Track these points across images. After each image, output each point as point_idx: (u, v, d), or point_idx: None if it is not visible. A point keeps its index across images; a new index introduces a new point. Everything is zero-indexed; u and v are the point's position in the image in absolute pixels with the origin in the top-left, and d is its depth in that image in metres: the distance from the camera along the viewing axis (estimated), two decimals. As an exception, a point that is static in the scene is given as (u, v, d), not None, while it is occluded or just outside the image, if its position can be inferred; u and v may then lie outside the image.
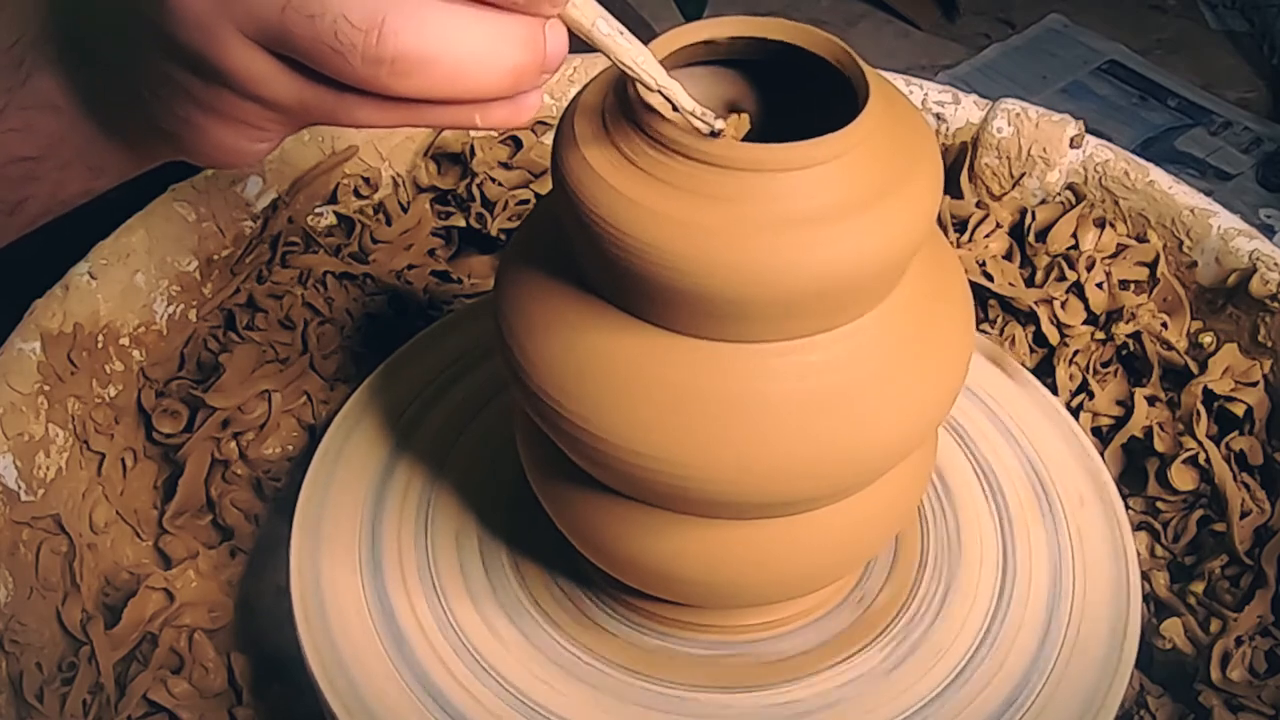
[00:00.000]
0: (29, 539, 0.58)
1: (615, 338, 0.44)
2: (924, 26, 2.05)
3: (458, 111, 0.40)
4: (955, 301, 0.48)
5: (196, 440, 0.64)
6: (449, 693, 0.52)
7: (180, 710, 0.57)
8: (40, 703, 0.54)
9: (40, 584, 0.57)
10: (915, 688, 0.52)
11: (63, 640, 0.57)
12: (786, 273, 0.41)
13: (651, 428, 0.44)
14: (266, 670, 0.59)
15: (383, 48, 0.36)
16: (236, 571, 0.63)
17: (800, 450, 0.44)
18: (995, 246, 0.74)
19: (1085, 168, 0.73)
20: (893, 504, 0.50)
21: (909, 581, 0.56)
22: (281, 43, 0.38)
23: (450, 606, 0.55)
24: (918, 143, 0.44)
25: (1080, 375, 0.70)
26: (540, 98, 0.41)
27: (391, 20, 0.36)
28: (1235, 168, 1.79)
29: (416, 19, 0.36)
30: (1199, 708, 0.56)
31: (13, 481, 0.58)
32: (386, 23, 0.36)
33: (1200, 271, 0.69)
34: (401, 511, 0.58)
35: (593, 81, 0.46)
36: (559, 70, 0.74)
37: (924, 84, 0.76)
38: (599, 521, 0.50)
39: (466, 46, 0.37)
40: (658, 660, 0.53)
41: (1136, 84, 1.92)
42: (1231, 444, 0.65)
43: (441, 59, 0.37)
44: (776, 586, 0.51)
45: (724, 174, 0.41)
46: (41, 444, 0.60)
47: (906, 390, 0.45)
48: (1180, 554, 0.64)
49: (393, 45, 0.36)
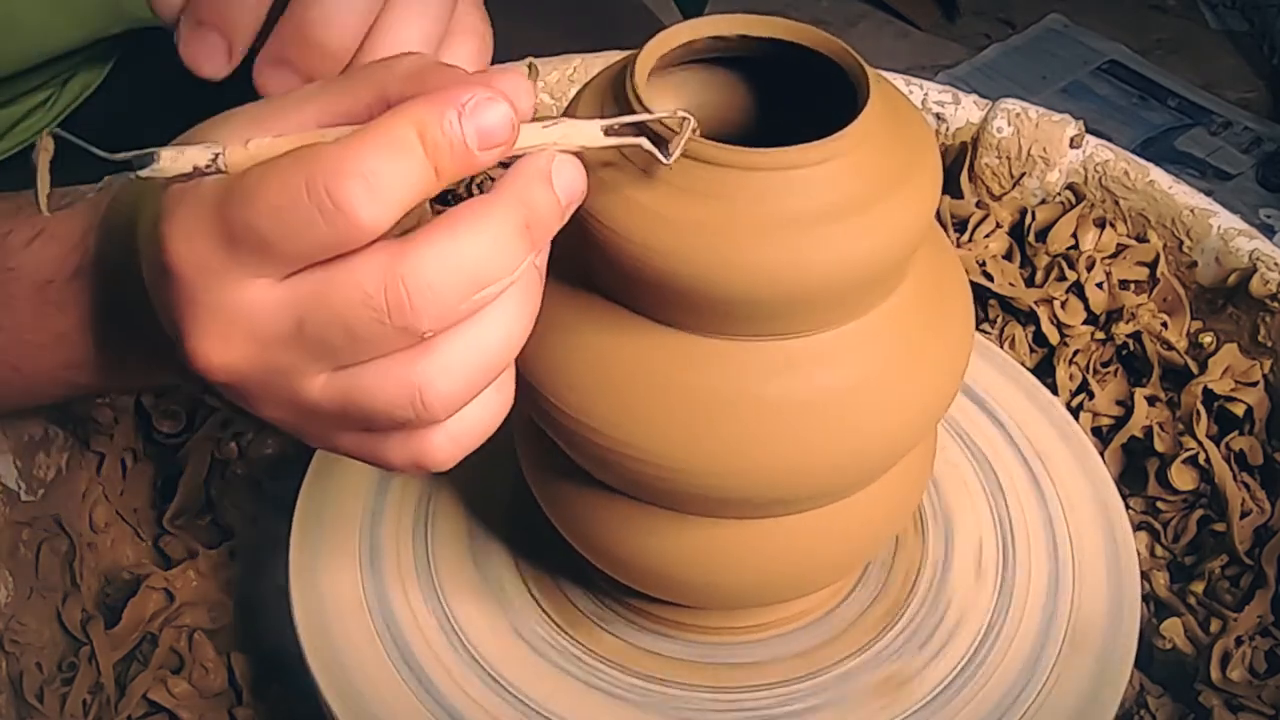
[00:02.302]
0: (29, 539, 0.58)
1: (615, 335, 0.44)
2: (924, 26, 2.05)
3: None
4: (956, 301, 0.48)
5: (196, 440, 0.64)
6: (448, 692, 0.52)
7: (180, 710, 0.57)
8: (40, 703, 0.54)
9: (40, 584, 0.57)
10: (915, 688, 0.52)
11: (63, 640, 0.57)
12: (786, 272, 0.41)
13: (651, 425, 0.44)
14: (266, 670, 0.59)
15: (431, 410, 0.37)
16: (236, 571, 0.62)
17: (800, 448, 0.44)
18: (995, 246, 0.74)
19: (1085, 168, 0.73)
20: (892, 504, 0.50)
21: (908, 582, 0.56)
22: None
23: (450, 606, 0.55)
24: (917, 143, 0.44)
25: (1080, 375, 0.70)
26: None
27: (428, 394, 0.37)
28: (1235, 168, 1.79)
29: (442, 367, 0.37)
30: (1199, 708, 0.56)
31: (13, 481, 0.58)
32: (425, 397, 0.37)
33: (1200, 271, 0.69)
34: (401, 511, 0.58)
35: (592, 81, 0.46)
36: (559, 71, 0.75)
37: (924, 84, 0.76)
38: (598, 521, 0.50)
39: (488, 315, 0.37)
40: (657, 660, 0.53)
41: (1136, 84, 1.92)
42: (1231, 444, 0.65)
43: (479, 343, 0.37)
44: (776, 587, 0.51)
45: (724, 174, 0.41)
46: (41, 444, 0.60)
47: (907, 390, 0.45)
48: (1180, 554, 0.64)
49: (436, 400, 0.37)
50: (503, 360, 0.38)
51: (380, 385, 0.37)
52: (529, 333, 0.38)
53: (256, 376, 0.38)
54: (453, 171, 0.36)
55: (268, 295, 0.36)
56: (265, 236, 0.35)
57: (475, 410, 0.39)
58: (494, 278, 0.36)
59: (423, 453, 0.39)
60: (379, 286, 0.35)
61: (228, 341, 0.37)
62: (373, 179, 0.34)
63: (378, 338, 0.36)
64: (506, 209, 0.36)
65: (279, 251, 0.35)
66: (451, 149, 0.35)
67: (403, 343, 0.36)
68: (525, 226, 0.37)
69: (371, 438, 0.39)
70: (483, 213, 0.36)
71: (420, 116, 0.35)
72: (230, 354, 0.37)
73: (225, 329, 0.37)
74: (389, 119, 0.35)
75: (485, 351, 0.37)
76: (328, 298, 0.36)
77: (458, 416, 0.38)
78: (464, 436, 0.39)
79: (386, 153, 0.34)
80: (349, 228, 0.35)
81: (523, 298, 0.38)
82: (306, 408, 0.38)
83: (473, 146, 0.35)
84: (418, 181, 0.35)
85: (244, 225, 0.35)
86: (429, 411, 0.37)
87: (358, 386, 0.37)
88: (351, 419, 0.38)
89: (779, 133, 0.42)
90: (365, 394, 0.37)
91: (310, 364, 0.37)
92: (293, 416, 0.39)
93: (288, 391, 0.38)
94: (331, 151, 0.35)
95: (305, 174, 0.34)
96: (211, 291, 0.37)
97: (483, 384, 0.38)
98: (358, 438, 0.39)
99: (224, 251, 0.36)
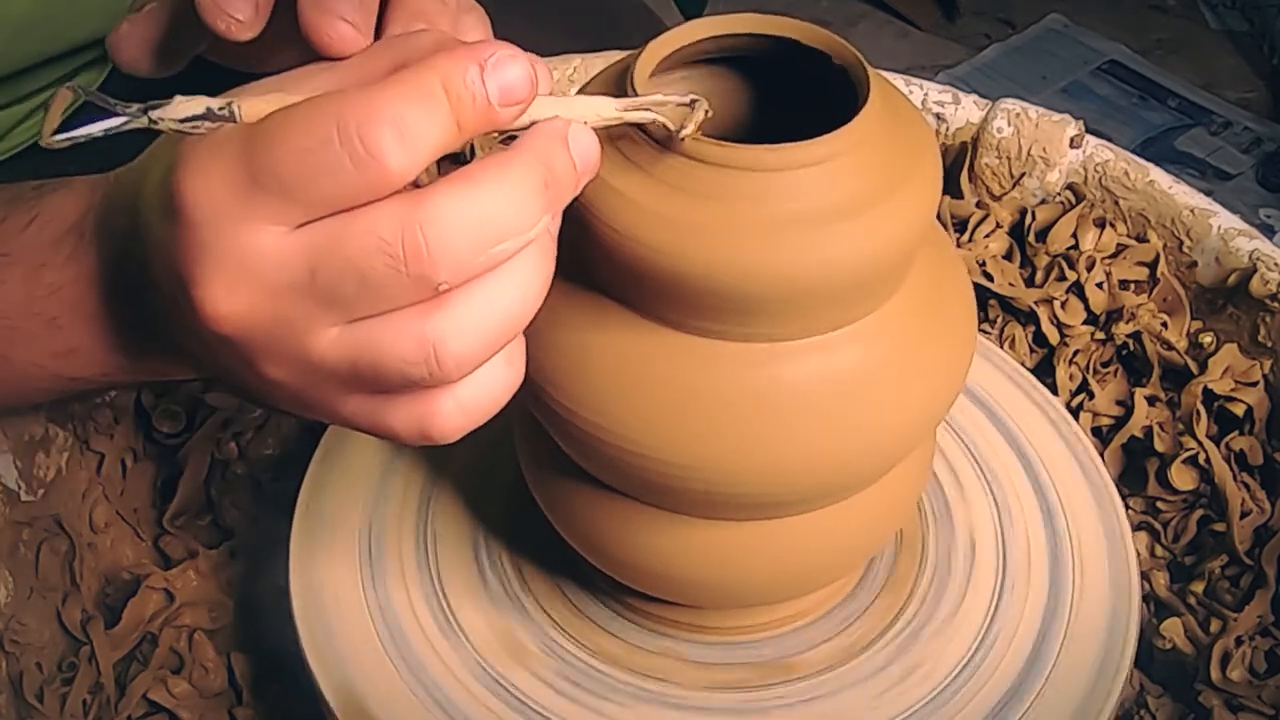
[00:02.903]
0: (29, 539, 0.58)
1: (617, 335, 0.45)
2: (924, 26, 2.05)
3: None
4: (958, 303, 0.48)
5: (196, 440, 0.64)
6: (449, 692, 0.52)
7: (180, 710, 0.57)
8: (40, 703, 0.54)
9: (40, 584, 0.57)
10: (915, 687, 0.52)
11: (63, 640, 0.57)
12: (786, 272, 0.41)
13: (652, 425, 0.44)
14: (266, 670, 0.59)
15: (444, 369, 0.36)
16: (236, 571, 0.63)
17: (801, 449, 0.44)
18: (995, 246, 0.74)
19: (1085, 168, 0.73)
20: (892, 503, 0.50)
21: (909, 581, 0.56)
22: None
23: (450, 606, 0.55)
24: (918, 142, 0.44)
25: (1080, 375, 0.70)
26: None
27: (442, 351, 0.36)
28: (1235, 168, 1.79)
29: (457, 324, 0.36)
30: (1199, 708, 0.56)
31: (13, 481, 0.58)
32: (439, 353, 0.36)
33: (1200, 271, 0.69)
34: (401, 511, 0.58)
35: (592, 81, 0.46)
36: (559, 71, 0.75)
37: (924, 84, 0.76)
38: (598, 521, 0.50)
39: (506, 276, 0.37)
40: (658, 660, 0.53)
41: (1136, 84, 1.92)
42: (1231, 444, 0.65)
43: (492, 301, 0.37)
44: (776, 586, 0.51)
45: (725, 174, 0.41)
46: (41, 444, 0.60)
47: (908, 391, 0.45)
48: (1180, 554, 0.64)
49: (450, 358, 0.36)
50: (518, 322, 0.37)
51: (394, 340, 0.36)
52: (543, 297, 0.38)
53: (264, 328, 0.37)
54: (474, 126, 0.36)
55: (281, 243, 0.36)
56: (288, 180, 0.35)
57: (486, 377, 0.38)
58: (512, 232, 0.36)
59: (430, 420, 0.38)
60: (396, 234, 0.35)
61: (235, 289, 0.36)
62: (403, 126, 0.34)
63: (393, 287, 0.35)
64: (527, 165, 0.36)
65: (301, 196, 0.35)
66: (474, 102, 0.35)
67: (417, 294, 0.36)
68: (544, 185, 0.36)
69: (378, 402, 0.38)
70: (504, 167, 0.36)
71: (445, 69, 0.35)
72: (238, 303, 0.36)
73: (234, 276, 0.36)
74: (415, 71, 0.35)
75: (500, 311, 0.37)
76: (343, 245, 0.35)
77: (468, 381, 0.37)
78: (472, 406, 0.38)
79: (416, 102, 0.34)
80: (379, 174, 0.34)
81: (538, 259, 0.37)
82: (314, 364, 0.37)
83: (494, 101, 0.35)
84: (443, 133, 0.35)
85: (268, 167, 0.35)
86: (442, 370, 0.36)
87: (370, 340, 0.36)
88: (362, 377, 0.37)
89: (781, 136, 0.42)
90: (378, 349, 0.36)
91: (322, 315, 0.36)
92: (298, 376, 0.38)
93: (296, 346, 0.37)
94: (362, 96, 0.34)
95: (336, 117, 0.34)
96: (223, 237, 0.36)
97: (497, 345, 0.37)
98: (364, 401, 0.39)
99: (242, 194, 0.35)
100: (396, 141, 0.34)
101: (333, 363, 0.37)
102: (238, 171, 0.35)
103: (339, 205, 0.35)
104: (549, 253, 0.38)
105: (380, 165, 0.34)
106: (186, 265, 0.37)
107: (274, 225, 0.36)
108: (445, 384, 0.37)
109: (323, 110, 0.34)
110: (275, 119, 0.35)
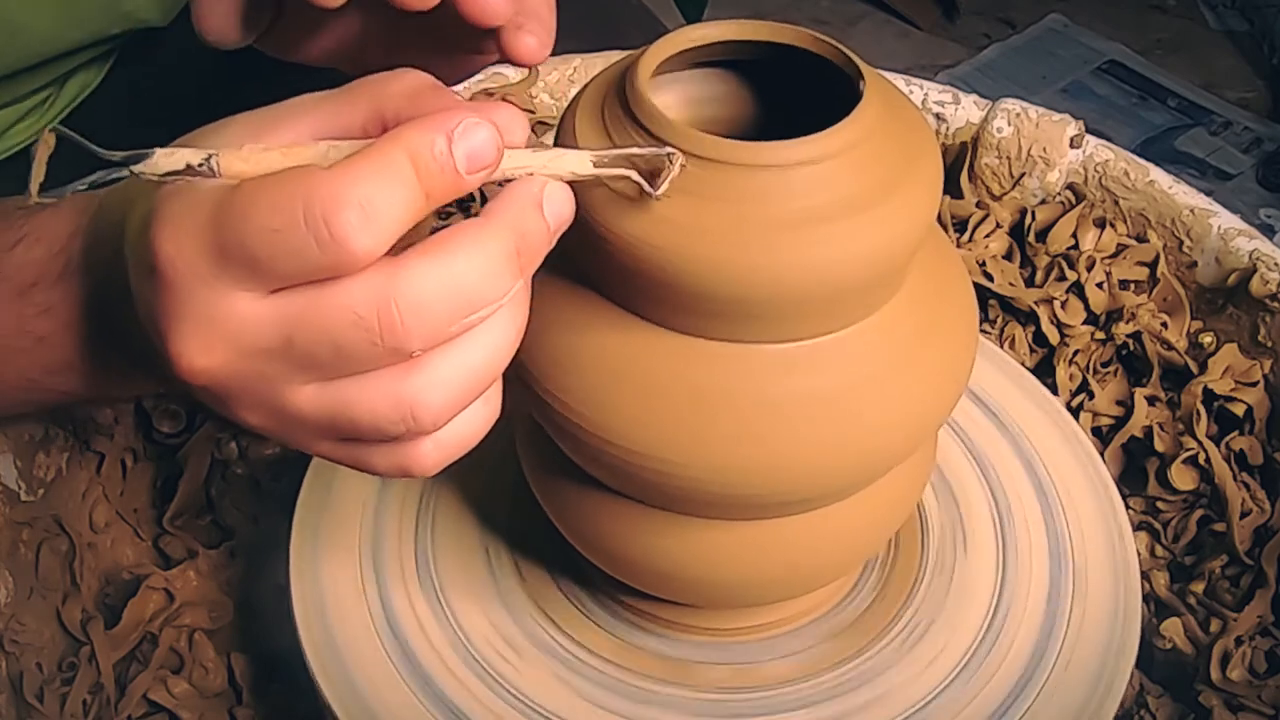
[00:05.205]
0: (29, 539, 0.58)
1: (617, 336, 0.44)
2: (924, 26, 2.05)
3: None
4: (959, 305, 0.48)
5: (196, 440, 0.64)
6: (449, 692, 0.52)
7: (180, 710, 0.57)
8: (40, 703, 0.54)
9: (40, 584, 0.57)
10: (915, 687, 0.52)
11: (63, 640, 0.57)
12: (785, 272, 0.41)
13: (653, 426, 0.44)
14: (266, 670, 0.59)
15: (421, 424, 0.38)
16: (236, 571, 0.63)
17: (801, 451, 0.44)
18: (995, 246, 0.74)
19: (1085, 168, 0.73)
20: (892, 504, 0.50)
21: (909, 581, 0.56)
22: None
23: (450, 606, 0.55)
24: (917, 142, 0.44)
25: (1080, 375, 0.70)
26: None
27: (418, 409, 0.37)
28: (1235, 168, 1.79)
29: (432, 383, 0.37)
30: (1199, 708, 0.56)
31: (13, 481, 0.58)
32: (415, 412, 0.37)
33: (1200, 271, 0.69)
34: (401, 511, 0.58)
35: (592, 81, 0.46)
36: (559, 71, 0.75)
37: (924, 84, 0.76)
38: (599, 522, 0.50)
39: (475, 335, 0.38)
40: (658, 660, 0.53)
41: (1136, 84, 1.92)
42: (1231, 444, 0.65)
43: (464, 364, 0.38)
44: (776, 586, 0.51)
45: (724, 172, 0.41)
46: (41, 444, 0.60)
47: (909, 393, 0.45)
48: (1180, 554, 0.64)
49: (426, 413, 0.37)
50: (492, 374, 0.38)
51: (370, 400, 0.37)
52: (518, 346, 0.39)
53: (239, 383, 0.38)
54: (443, 195, 0.36)
55: (254, 308, 0.37)
56: (256, 255, 0.35)
57: (463, 420, 0.39)
58: (485, 302, 0.37)
59: (409, 461, 0.39)
60: (371, 308, 0.36)
61: (211, 348, 0.37)
62: (369, 207, 0.35)
63: (367, 356, 0.36)
64: (499, 234, 0.37)
65: (269, 270, 0.36)
66: (442, 172, 0.36)
67: (392, 361, 0.37)
68: (516, 252, 0.37)
69: (358, 446, 0.40)
70: (475, 236, 0.37)
71: (413, 143, 0.36)
72: (214, 359, 0.37)
73: (208, 335, 0.37)
74: (383, 144, 0.36)
75: (475, 367, 0.38)
76: (317, 316, 0.36)
77: (445, 426, 0.39)
78: (450, 445, 0.39)
79: (383, 181, 0.35)
80: (344, 256, 0.35)
81: (512, 314, 0.38)
82: (290, 415, 0.39)
83: (462, 170, 0.36)
84: (410, 206, 0.36)
85: (236, 242, 0.35)
86: (419, 425, 0.37)
87: (347, 399, 0.37)
88: (339, 429, 0.39)
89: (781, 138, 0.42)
90: (355, 408, 0.37)
91: (297, 375, 0.37)
92: (275, 423, 0.39)
93: (271, 399, 0.38)
94: (328, 178, 0.35)
95: (303, 199, 0.35)
96: (197, 297, 0.37)
97: (472, 397, 0.38)
98: (343, 445, 0.40)
99: (213, 262, 0.36)
100: (362, 224, 0.35)
101: (310, 415, 0.38)
102: (210, 240, 0.36)
103: (308, 279, 0.36)
104: (523, 305, 0.39)
105: (345, 249, 0.35)
106: (163, 320, 0.38)
107: (246, 291, 0.36)
108: (423, 435, 0.38)
109: (290, 191, 0.35)
110: (245, 192, 0.36)
